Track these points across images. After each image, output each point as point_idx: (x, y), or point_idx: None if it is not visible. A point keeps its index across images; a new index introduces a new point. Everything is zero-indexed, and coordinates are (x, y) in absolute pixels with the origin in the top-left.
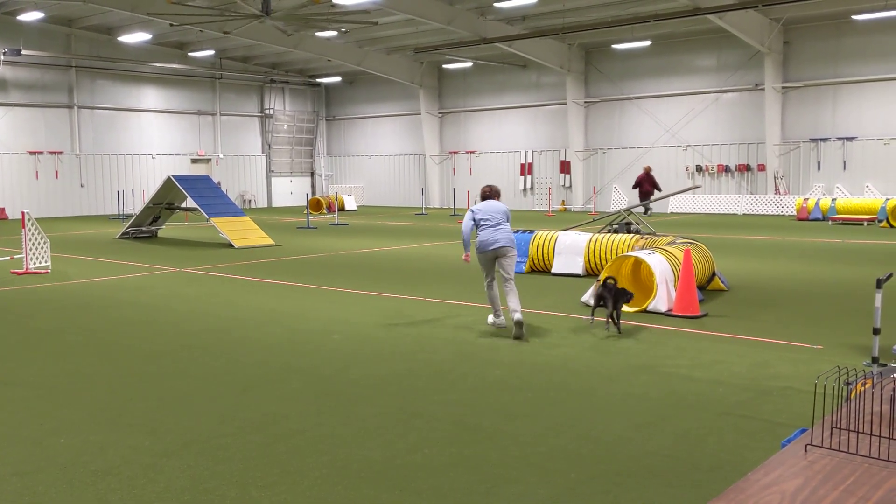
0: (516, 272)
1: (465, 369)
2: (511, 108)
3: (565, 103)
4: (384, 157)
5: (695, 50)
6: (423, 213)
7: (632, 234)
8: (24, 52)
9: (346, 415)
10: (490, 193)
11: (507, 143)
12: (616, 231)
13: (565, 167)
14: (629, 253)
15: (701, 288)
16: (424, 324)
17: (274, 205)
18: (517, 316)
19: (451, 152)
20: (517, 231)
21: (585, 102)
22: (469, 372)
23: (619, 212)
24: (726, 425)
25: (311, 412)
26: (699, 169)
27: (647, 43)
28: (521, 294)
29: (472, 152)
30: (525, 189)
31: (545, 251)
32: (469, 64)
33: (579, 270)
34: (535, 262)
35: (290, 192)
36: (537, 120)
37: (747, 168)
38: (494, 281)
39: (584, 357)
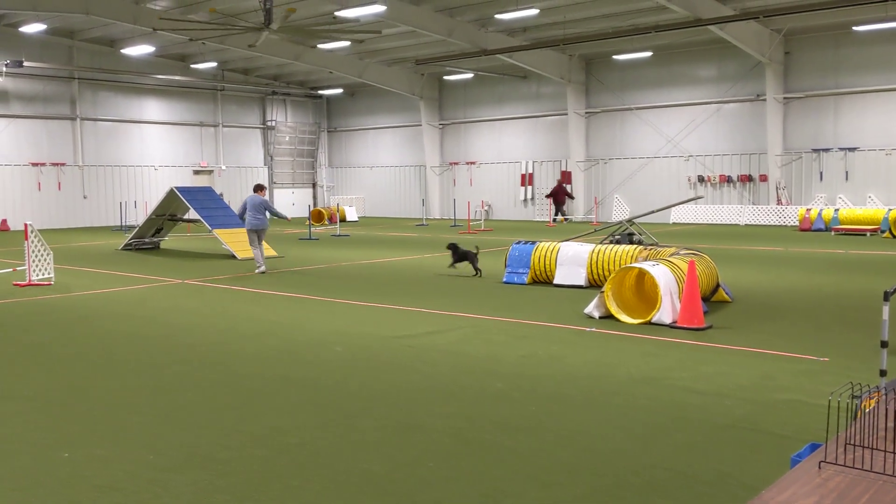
0: (518, 283)
1: (465, 382)
2: (511, 119)
3: (566, 114)
4: (385, 169)
5: (696, 60)
6: (423, 224)
7: (634, 245)
8: (26, 63)
9: (346, 428)
10: (256, 190)
11: (507, 153)
12: (618, 242)
13: (566, 178)
14: (633, 264)
15: (705, 299)
16: (424, 335)
17: None
18: (262, 269)
19: (451, 163)
20: (518, 242)
21: (586, 113)
22: (469, 384)
23: (620, 222)
24: (730, 438)
25: (311, 425)
26: (701, 179)
27: (648, 54)
28: (522, 306)
29: (473, 163)
30: (525, 199)
31: (547, 262)
32: (469, 75)
33: (582, 282)
34: (537, 273)
35: (292, 203)
36: (538, 130)
37: (749, 178)
38: (259, 245)
39: (586, 369)
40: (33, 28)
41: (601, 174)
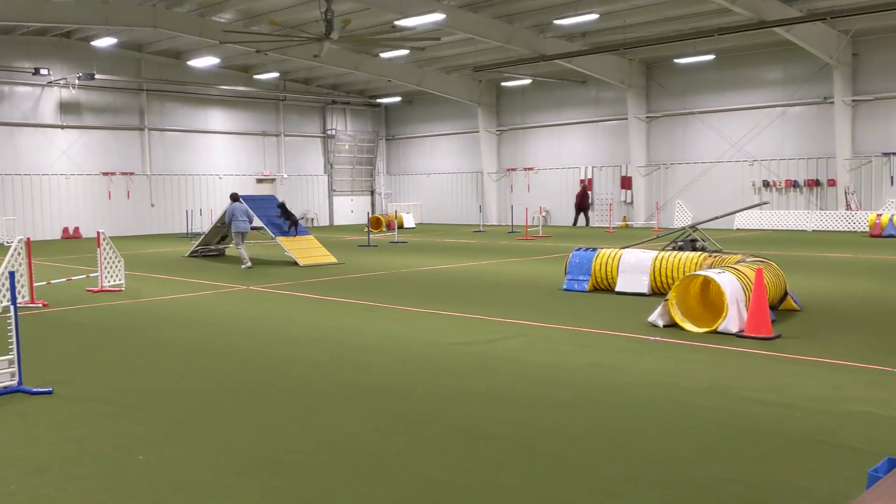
0: (579, 290)
1: (528, 390)
2: (570, 124)
3: (626, 118)
4: (442, 175)
5: (760, 63)
6: (480, 231)
7: (698, 252)
8: (97, 76)
9: (410, 435)
10: (236, 199)
11: (565, 159)
12: (681, 248)
13: (626, 183)
14: (698, 272)
15: (773, 308)
16: (486, 343)
17: (335, 223)
18: (249, 265)
19: (509, 169)
20: (579, 249)
21: (647, 117)
22: (532, 393)
23: (683, 228)
24: (801, 451)
25: (375, 431)
26: (766, 184)
27: (711, 57)
28: (584, 314)
29: (531, 169)
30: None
31: (608, 269)
32: (528, 81)
33: (644, 289)
34: (598, 280)
35: (350, 210)
36: (597, 136)
37: (816, 183)
38: (242, 245)
39: (651, 379)
40: (104, 42)
41: (662, 179)
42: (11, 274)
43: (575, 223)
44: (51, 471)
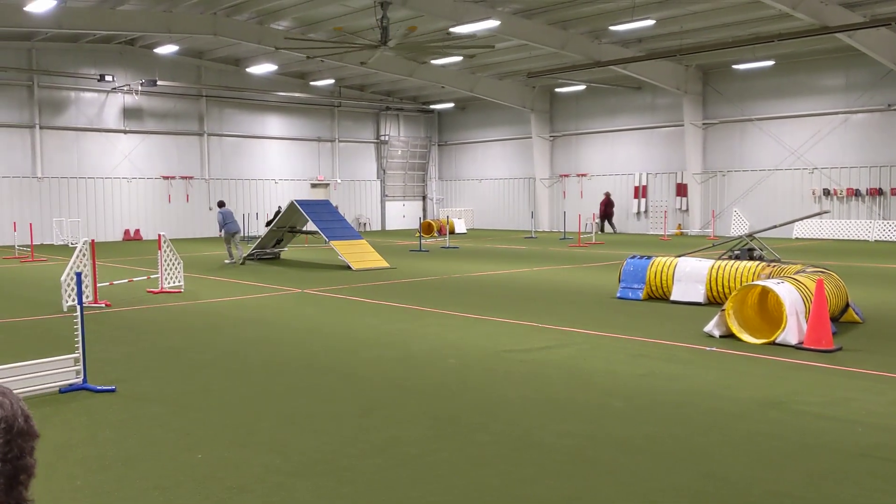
0: (633, 298)
1: (581, 399)
2: (624, 131)
3: (682, 125)
4: (494, 181)
5: (821, 69)
6: (532, 237)
7: (756, 261)
8: (159, 82)
9: (463, 441)
10: (223, 205)
11: (619, 165)
12: (738, 257)
13: (682, 190)
14: (756, 282)
15: (834, 320)
16: (538, 350)
17: (387, 228)
18: (232, 261)
19: (561, 175)
20: (633, 257)
21: (703, 124)
22: (586, 402)
23: (740, 237)
24: (863, 468)
25: (428, 437)
26: (826, 193)
27: (770, 63)
28: (638, 323)
29: (584, 175)
30: (639, 212)
31: (664, 278)
32: (582, 87)
33: (700, 298)
34: (653, 289)
35: (402, 215)
36: (652, 142)
37: (879, 192)
38: (231, 244)
39: (707, 390)
40: (166, 49)
41: (719, 187)
42: (78, 275)
43: (602, 230)
44: (114, 468)
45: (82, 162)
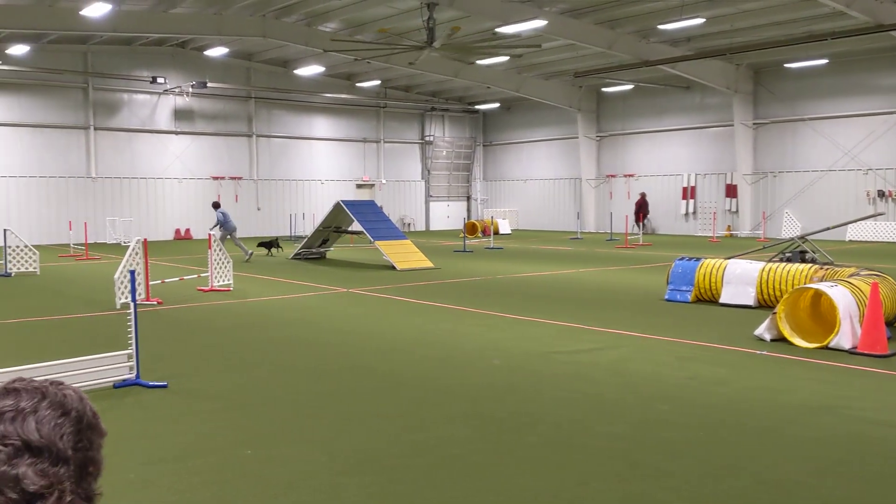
0: (681, 301)
1: (628, 402)
2: (673, 131)
3: (732, 125)
4: (539, 182)
5: (877, 68)
6: (578, 238)
7: (808, 264)
8: (209, 84)
9: (508, 443)
10: (218, 205)
11: (667, 166)
12: (789, 259)
13: (731, 191)
14: (808, 285)
15: (889, 324)
16: (584, 352)
17: (431, 228)
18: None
19: (608, 176)
20: (682, 258)
21: (754, 124)
22: (633, 405)
23: (792, 239)
24: None
25: (473, 438)
26: (881, 194)
27: (824, 62)
28: (686, 326)
29: (631, 175)
30: (687, 213)
31: (713, 280)
32: (629, 87)
33: (750, 301)
34: (702, 291)
35: (446, 215)
36: (701, 142)
37: None
38: (228, 240)
39: (757, 395)
40: (216, 52)
41: (770, 188)
42: (132, 273)
43: (639, 229)
44: (166, 462)
45: (135, 163)
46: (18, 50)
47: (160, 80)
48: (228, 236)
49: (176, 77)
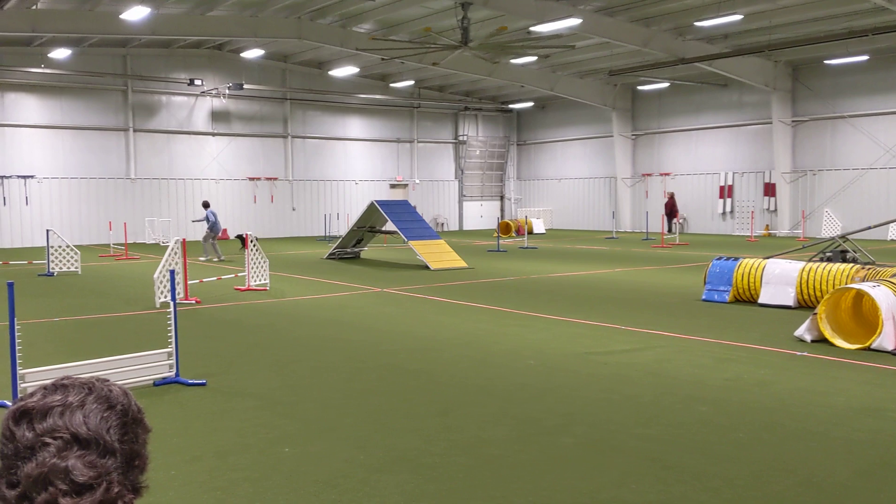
0: (719, 301)
1: (666, 404)
2: (709, 129)
3: (770, 123)
4: (574, 181)
5: None
6: (613, 237)
7: (849, 263)
8: (245, 86)
9: (546, 443)
10: (207, 205)
11: (704, 164)
12: (829, 259)
13: (770, 190)
14: (850, 285)
15: None
16: (621, 353)
17: (465, 228)
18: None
19: (643, 174)
20: (719, 258)
21: (793, 121)
22: (671, 407)
23: (832, 238)
24: None
25: (510, 437)
26: None
27: (864, 58)
28: (724, 326)
29: (667, 174)
30: (724, 212)
31: (751, 280)
32: (665, 84)
33: (790, 302)
34: (740, 291)
35: (480, 215)
36: (738, 140)
37: None
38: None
39: (798, 396)
40: (253, 53)
41: (809, 186)
42: (172, 272)
43: (670, 230)
44: (205, 459)
45: (173, 164)
46: (60, 54)
47: (197, 82)
48: (212, 238)
49: (213, 79)
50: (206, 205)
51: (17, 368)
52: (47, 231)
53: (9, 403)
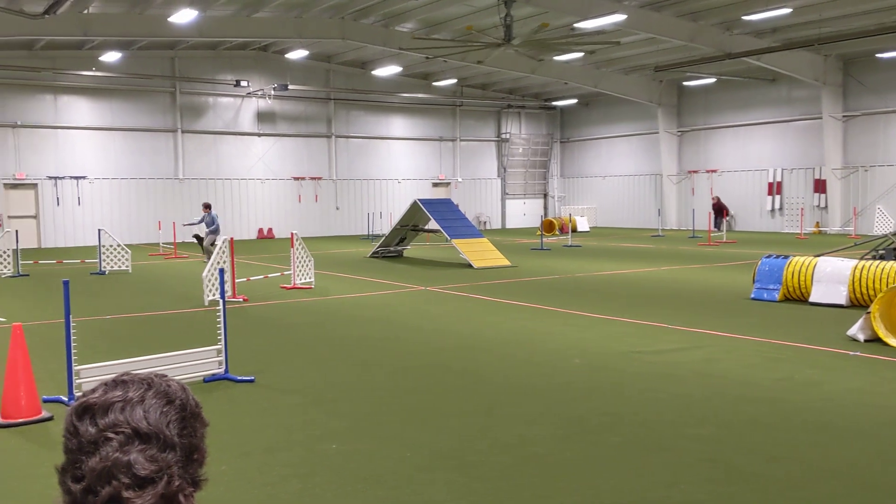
0: (768, 300)
1: (716, 404)
2: (757, 125)
3: (820, 118)
4: (618, 178)
5: None
6: (659, 235)
7: None
8: (290, 87)
9: (591, 442)
10: (208, 206)
11: (752, 161)
12: (883, 257)
13: (820, 186)
14: None
15: None
16: (668, 353)
17: (507, 226)
18: None
19: (690, 172)
20: (769, 256)
21: (844, 116)
22: (721, 407)
23: (885, 235)
24: None
25: (555, 436)
26: None
27: None
28: (774, 325)
29: (714, 171)
30: (773, 210)
31: (802, 278)
32: (712, 80)
33: (842, 300)
34: (791, 290)
35: (523, 213)
36: (787, 136)
37: None
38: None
39: (851, 397)
40: (297, 54)
41: (860, 182)
42: (221, 271)
43: (718, 227)
44: (255, 455)
45: (220, 164)
46: (111, 57)
47: (243, 83)
48: (213, 242)
49: (258, 80)
50: (207, 206)
51: (72, 365)
52: (99, 231)
53: (62, 397)
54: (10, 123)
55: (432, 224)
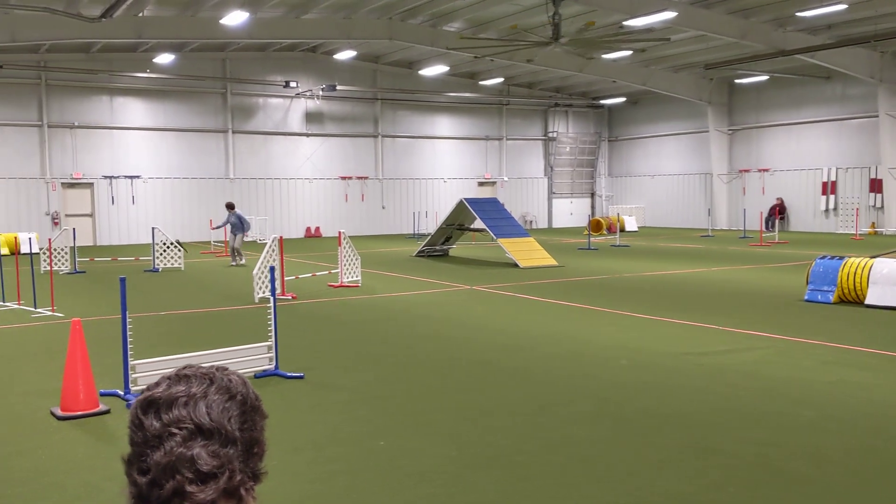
0: (822, 301)
1: (768, 407)
2: (811, 123)
3: (877, 116)
4: (667, 177)
5: None
6: (709, 235)
7: None
8: (338, 87)
9: (641, 444)
10: (231, 206)
11: (805, 159)
12: None
13: (876, 186)
14: None
15: None
16: (718, 354)
17: (554, 225)
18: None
19: (741, 171)
20: (823, 257)
21: None
22: (773, 410)
23: None
24: None
25: (604, 438)
26: None
27: None
28: (828, 328)
29: (766, 170)
30: (827, 210)
31: (857, 280)
32: (764, 78)
33: None
34: (845, 291)
35: (569, 213)
36: (842, 135)
37: None
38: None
39: None
40: (345, 55)
41: None
42: (272, 269)
43: (769, 227)
44: (304, 450)
45: (269, 164)
46: (164, 59)
47: (292, 84)
48: (238, 241)
49: (307, 81)
50: (230, 206)
51: (128, 359)
52: (153, 229)
53: (118, 391)
54: (68, 124)
55: (478, 223)
